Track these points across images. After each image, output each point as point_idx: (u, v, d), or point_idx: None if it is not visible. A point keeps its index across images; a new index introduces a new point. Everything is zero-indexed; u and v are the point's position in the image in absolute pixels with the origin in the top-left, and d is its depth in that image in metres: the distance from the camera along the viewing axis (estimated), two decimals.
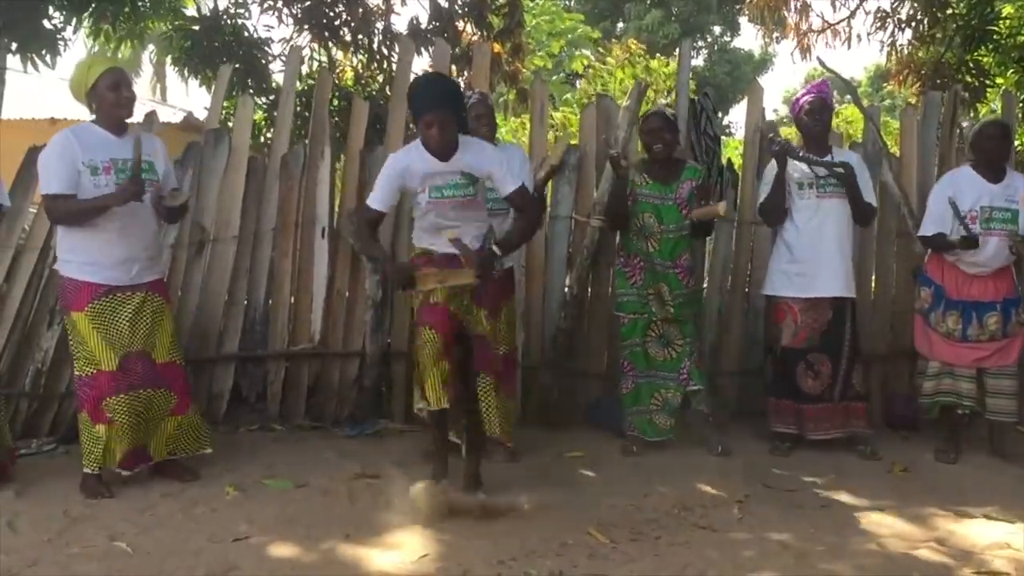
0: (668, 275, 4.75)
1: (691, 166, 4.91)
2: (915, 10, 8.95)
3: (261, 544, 3.42)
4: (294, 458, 4.50)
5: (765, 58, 28.23)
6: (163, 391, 4.03)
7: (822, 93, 4.87)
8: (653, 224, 4.74)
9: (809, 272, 4.71)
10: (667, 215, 4.73)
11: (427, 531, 3.54)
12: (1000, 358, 4.62)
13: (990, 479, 4.39)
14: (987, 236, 4.57)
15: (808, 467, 4.56)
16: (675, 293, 4.74)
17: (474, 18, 8.22)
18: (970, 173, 4.76)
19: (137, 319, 3.97)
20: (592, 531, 3.55)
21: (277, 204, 5.30)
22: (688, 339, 4.80)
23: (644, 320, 4.77)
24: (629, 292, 4.80)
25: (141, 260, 3.98)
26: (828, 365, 4.75)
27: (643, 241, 4.77)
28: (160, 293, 4.11)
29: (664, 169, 4.79)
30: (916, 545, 3.53)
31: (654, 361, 4.81)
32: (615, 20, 27.47)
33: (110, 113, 3.91)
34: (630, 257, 4.82)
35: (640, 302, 4.76)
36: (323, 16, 7.74)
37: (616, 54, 12.14)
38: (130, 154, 3.86)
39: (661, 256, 4.75)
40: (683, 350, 4.78)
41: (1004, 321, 4.61)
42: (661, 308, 4.73)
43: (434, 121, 3.73)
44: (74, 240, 3.91)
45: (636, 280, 4.78)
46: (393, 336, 5.31)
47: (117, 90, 3.88)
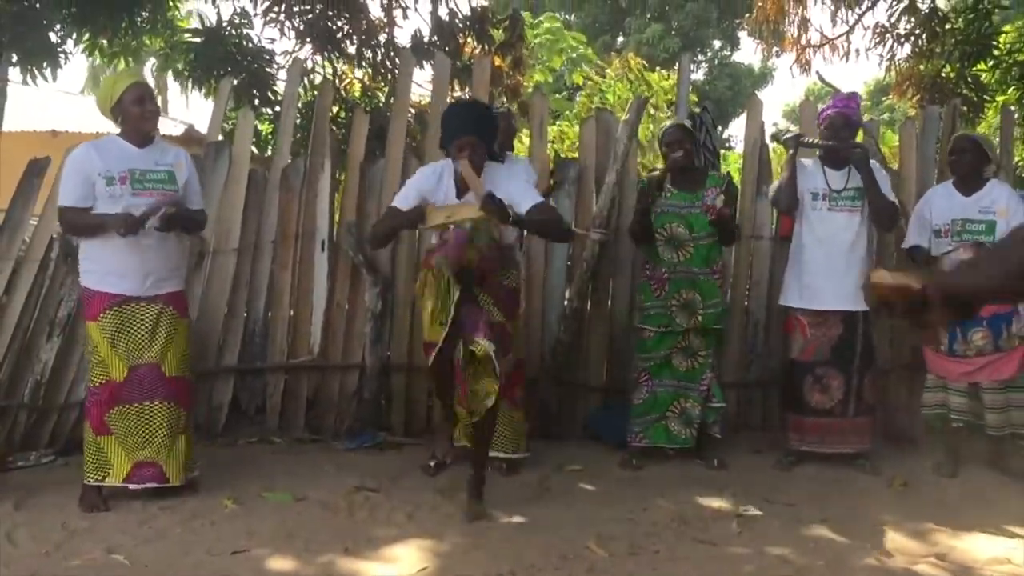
0: (704, 282, 4.73)
1: (714, 174, 4.94)
2: (914, 25, 8.99)
3: (260, 557, 3.42)
4: (293, 471, 4.50)
5: (765, 72, 28.28)
6: (172, 405, 4.02)
7: (847, 109, 4.79)
8: (684, 233, 4.72)
9: (818, 285, 4.71)
10: (696, 223, 4.72)
11: (425, 544, 3.53)
12: (992, 373, 4.60)
13: (989, 493, 4.38)
14: (962, 248, 4.58)
15: (808, 481, 4.56)
16: (711, 302, 4.73)
17: (475, 32, 8.24)
18: (947, 188, 4.82)
19: (152, 331, 3.98)
20: (591, 545, 3.54)
21: (277, 216, 5.32)
22: (711, 350, 4.81)
23: (671, 332, 4.76)
24: (656, 304, 4.77)
25: (157, 271, 3.99)
26: (839, 380, 4.73)
27: (673, 252, 4.74)
28: (177, 307, 4.10)
29: (687, 178, 4.80)
30: (916, 560, 3.52)
31: (676, 371, 4.79)
32: (615, 34, 27.53)
33: (135, 126, 3.97)
34: (656, 269, 4.81)
35: (666, 314, 4.74)
36: (326, 29, 7.76)
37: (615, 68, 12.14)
38: (150, 166, 3.93)
39: (695, 264, 4.73)
40: (705, 361, 4.78)
41: (994, 336, 4.59)
42: (688, 318, 4.72)
43: (465, 145, 3.86)
44: (92, 250, 3.96)
45: (661, 292, 4.76)
46: (392, 348, 5.31)
47: (142, 104, 3.93)
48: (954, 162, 4.76)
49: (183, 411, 4.08)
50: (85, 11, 7.05)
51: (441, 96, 5.63)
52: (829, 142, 4.77)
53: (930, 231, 4.73)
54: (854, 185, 4.71)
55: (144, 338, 3.97)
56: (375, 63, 8.02)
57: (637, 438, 4.78)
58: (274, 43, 8.17)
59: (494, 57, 7.79)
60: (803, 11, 10.12)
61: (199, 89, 7.65)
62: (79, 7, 7.02)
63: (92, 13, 7.07)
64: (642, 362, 4.81)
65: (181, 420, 4.05)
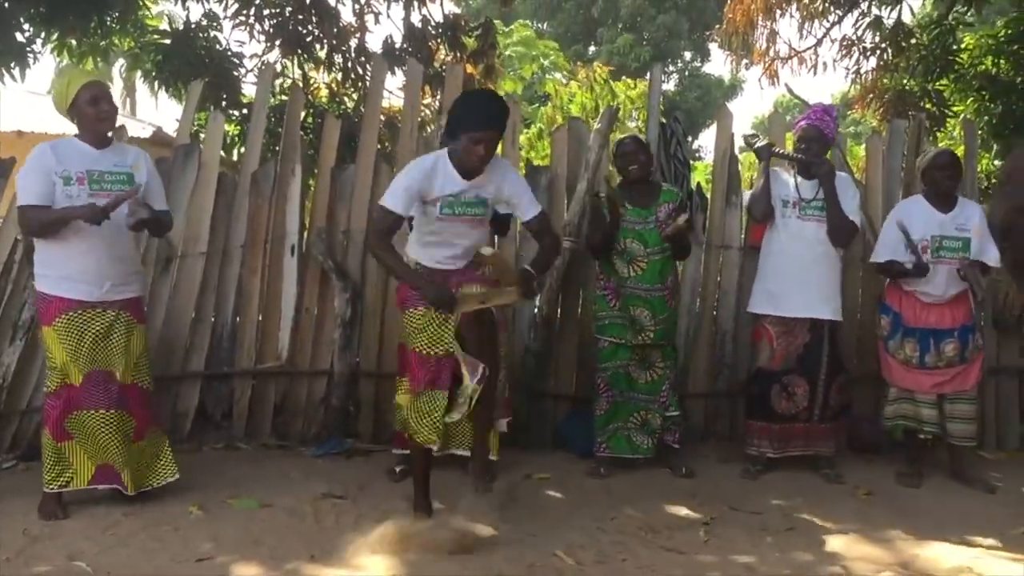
0: (653, 299, 4.73)
1: (668, 189, 4.94)
2: (880, 39, 9.12)
3: (225, 564, 3.38)
4: (259, 477, 4.46)
5: (734, 84, 28.57)
6: (126, 414, 3.95)
7: (820, 122, 4.81)
8: (638, 248, 4.73)
9: (786, 292, 4.75)
10: (650, 238, 4.72)
11: (392, 552, 3.51)
12: (958, 383, 4.67)
13: (952, 503, 4.44)
14: (937, 265, 4.64)
15: (774, 490, 4.59)
16: (659, 317, 4.73)
17: (448, 39, 8.26)
18: (921, 202, 4.82)
19: (105, 337, 3.90)
20: (559, 553, 3.55)
21: (247, 221, 5.28)
22: (668, 362, 4.82)
23: (624, 345, 4.77)
24: (611, 315, 4.78)
25: (114, 277, 3.90)
26: (804, 387, 4.78)
27: (626, 266, 4.74)
28: (133, 312, 4.01)
29: (641, 193, 4.81)
30: (880, 569, 3.55)
31: (635, 383, 4.80)
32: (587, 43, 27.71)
33: (90, 127, 3.87)
34: (608, 280, 4.82)
35: (621, 325, 4.75)
36: (295, 33, 7.74)
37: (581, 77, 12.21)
38: (109, 168, 3.85)
39: (647, 280, 4.72)
40: (663, 373, 4.80)
41: (962, 347, 4.67)
42: (636, 334, 4.73)
43: (483, 140, 3.69)
44: (48, 254, 3.86)
45: (616, 304, 4.76)
46: (362, 355, 5.29)
47: (96, 104, 3.84)
48: (938, 179, 4.74)
49: (133, 420, 3.98)
50: (54, 10, 6.97)
51: (413, 102, 5.63)
52: (798, 155, 4.82)
53: (906, 245, 4.70)
54: (824, 195, 4.76)
55: (100, 344, 3.89)
56: (345, 68, 8.01)
57: (602, 448, 4.79)
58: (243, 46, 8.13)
59: (466, 64, 7.81)
60: (772, 24, 10.25)
61: (167, 91, 7.59)
62: (47, 6, 6.94)
63: (61, 12, 6.99)
64: (601, 372, 4.83)
65: (132, 429, 3.97)
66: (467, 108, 3.83)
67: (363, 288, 5.28)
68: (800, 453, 4.84)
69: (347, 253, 5.31)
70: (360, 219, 5.30)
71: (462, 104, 3.91)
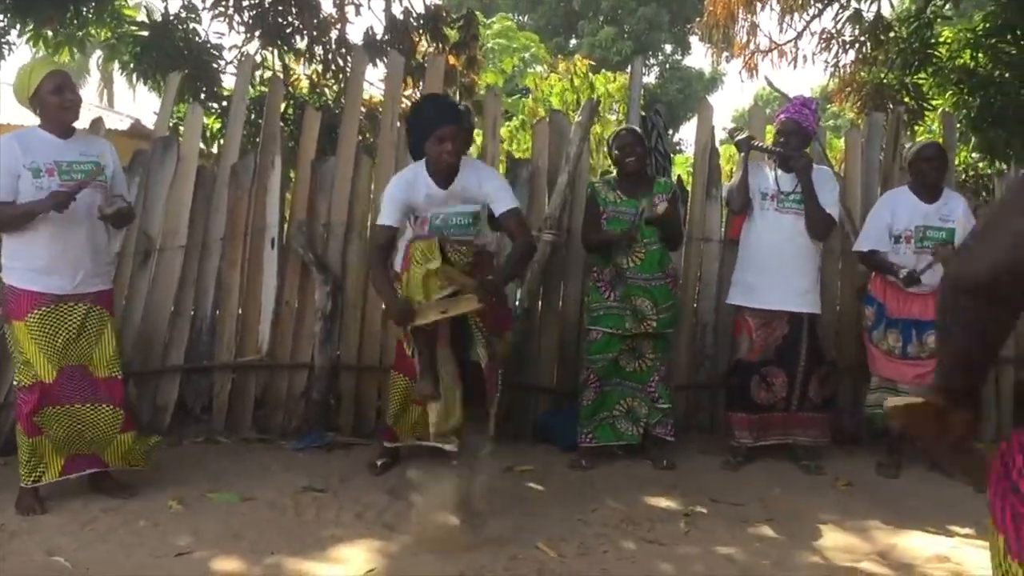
0: (655, 288, 4.74)
1: (661, 181, 4.96)
2: (859, 32, 9.16)
3: (205, 559, 3.37)
4: (240, 471, 4.44)
5: (715, 77, 28.66)
6: (107, 407, 3.91)
7: (799, 115, 4.84)
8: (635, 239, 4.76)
9: (764, 284, 4.77)
10: (645, 230, 4.73)
11: (374, 545, 3.51)
12: None
13: (930, 493, 4.48)
14: (921, 255, 4.68)
15: (754, 481, 4.62)
16: (662, 306, 4.74)
17: (429, 31, 8.22)
18: (906, 193, 4.87)
19: (79, 331, 3.86)
20: (541, 545, 3.56)
21: (226, 213, 5.25)
22: (659, 354, 4.83)
23: (619, 335, 4.77)
24: (606, 306, 4.78)
25: (86, 267, 3.85)
26: (783, 378, 4.81)
27: (624, 257, 4.75)
28: (105, 305, 3.97)
29: (635, 185, 4.82)
30: (859, 558, 3.59)
31: (623, 371, 4.82)
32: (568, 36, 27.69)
33: (54, 117, 3.80)
34: (602, 272, 4.81)
35: (618, 316, 4.75)
36: (275, 24, 7.69)
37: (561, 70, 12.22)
38: (76, 157, 3.80)
39: (647, 270, 4.74)
40: (653, 364, 4.81)
41: None
42: (638, 323, 4.73)
43: (447, 135, 3.73)
44: (17, 247, 3.79)
45: (612, 295, 4.76)
46: (342, 348, 5.27)
47: (61, 93, 3.77)
48: (925, 170, 4.78)
49: (120, 411, 3.94)
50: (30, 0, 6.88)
51: (394, 94, 5.61)
52: (777, 148, 4.84)
53: (889, 236, 4.78)
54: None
55: (72, 338, 3.84)
56: (326, 60, 7.96)
57: (586, 439, 4.80)
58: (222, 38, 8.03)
59: (448, 56, 7.78)
60: (752, 17, 10.28)
61: (145, 83, 7.52)
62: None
63: (37, 2, 6.90)
64: (590, 364, 4.83)
65: (119, 420, 3.93)
66: (421, 114, 3.95)
67: (343, 281, 5.26)
68: (778, 441, 4.88)
69: (327, 246, 5.29)
70: (340, 212, 5.29)
71: (414, 115, 4.04)
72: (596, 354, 4.80)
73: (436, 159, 3.78)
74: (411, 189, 3.88)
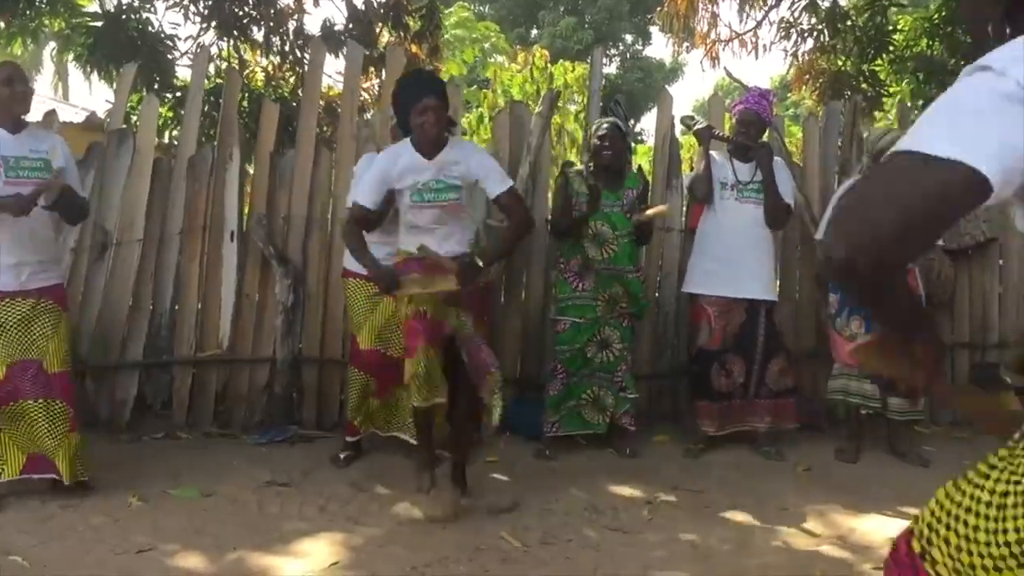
0: (629, 279, 4.79)
1: (633, 174, 4.98)
2: (817, 21, 9.24)
3: (166, 555, 3.33)
4: (201, 466, 4.40)
5: (675, 67, 28.78)
6: (58, 403, 3.82)
7: (757, 106, 4.89)
8: (608, 232, 4.77)
9: (724, 272, 4.81)
10: (619, 221, 4.77)
11: (338, 538, 3.50)
12: None
13: (888, 477, 4.56)
14: None
15: (716, 468, 4.66)
16: (635, 296, 4.80)
17: (391, 20, 8.17)
18: None
19: (27, 326, 3.78)
20: (505, 535, 3.57)
21: (184, 207, 5.19)
22: (626, 344, 4.86)
23: (588, 324, 4.79)
24: (574, 296, 4.79)
25: (32, 264, 3.77)
26: (741, 365, 4.86)
27: (598, 249, 4.77)
28: (55, 299, 3.88)
29: (610, 177, 4.84)
30: (819, 542, 3.64)
31: (591, 363, 4.83)
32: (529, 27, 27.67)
33: (4, 109, 3.72)
34: (570, 264, 4.83)
35: (589, 305, 4.76)
36: (231, 14, 7.60)
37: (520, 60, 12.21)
38: (25, 153, 3.72)
39: (620, 262, 4.77)
40: (620, 355, 4.84)
41: None
42: (610, 309, 4.76)
43: (427, 107, 3.74)
44: None
45: (580, 286, 4.78)
46: (304, 341, 5.24)
47: (10, 85, 3.69)
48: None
49: (68, 408, 3.85)
50: None
51: (353, 86, 5.57)
52: (737, 138, 4.88)
53: None
54: (761, 178, 4.83)
55: (22, 334, 3.76)
56: (283, 51, 7.89)
57: (553, 428, 4.82)
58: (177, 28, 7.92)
59: (410, 45, 7.75)
60: (712, 7, 10.33)
61: (99, 75, 7.41)
62: None
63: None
64: (558, 354, 4.85)
65: (68, 417, 3.83)
66: (401, 89, 3.94)
67: (305, 274, 5.23)
68: (737, 429, 4.93)
69: (288, 239, 5.25)
70: (300, 205, 5.25)
71: (398, 91, 3.99)
72: (563, 344, 4.81)
73: (418, 130, 3.80)
74: (392, 161, 3.87)
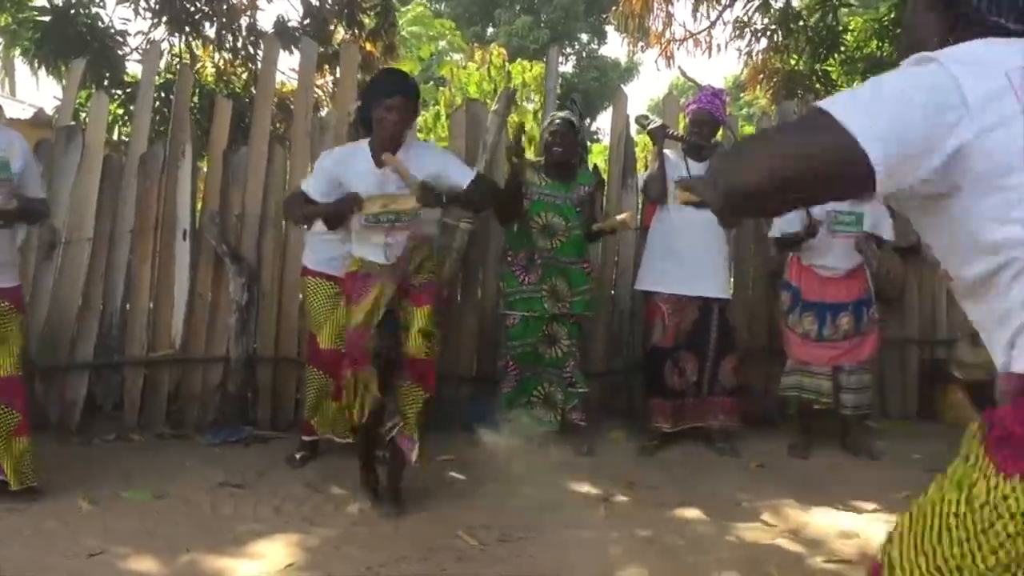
0: (572, 271, 4.82)
1: (585, 172, 5.00)
2: (770, 20, 9.34)
3: (118, 558, 3.28)
4: (154, 468, 4.34)
5: (631, 66, 28.91)
6: (4, 407, 3.72)
7: (711, 105, 4.93)
8: (559, 223, 4.79)
9: (677, 271, 4.85)
10: (570, 213, 4.80)
11: (293, 539, 3.47)
12: (853, 356, 4.86)
13: (840, 471, 4.63)
14: (832, 239, 4.80)
15: (671, 465, 4.70)
16: (579, 289, 4.82)
17: (346, 17, 8.12)
18: None
19: None
20: (461, 534, 3.56)
21: (135, 205, 5.11)
22: (574, 339, 4.87)
23: (536, 318, 4.79)
24: (521, 290, 4.80)
25: None
26: (694, 363, 4.91)
27: (547, 240, 4.79)
28: (12, 301, 3.78)
29: (562, 170, 4.85)
30: (773, 536, 3.69)
31: (541, 359, 4.85)
32: (485, 25, 27.65)
33: None
34: (518, 256, 4.83)
35: (536, 298, 4.78)
36: (183, 10, 7.50)
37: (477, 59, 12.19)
38: None
39: (566, 253, 4.80)
40: (569, 350, 4.85)
41: (856, 321, 4.85)
42: (555, 304, 4.77)
43: (393, 105, 3.71)
44: None
45: (527, 279, 4.79)
46: (259, 340, 5.19)
47: None
48: None
49: (18, 414, 3.75)
50: None
51: (306, 83, 5.52)
52: (691, 137, 4.93)
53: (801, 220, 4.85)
54: None
55: None
56: (235, 47, 7.80)
57: (507, 425, 4.82)
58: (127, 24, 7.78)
59: (365, 43, 7.70)
60: (667, 6, 10.38)
61: (47, 70, 7.26)
62: None
63: None
64: (509, 350, 4.86)
65: (15, 421, 3.73)
66: (373, 84, 3.91)
67: (259, 272, 5.18)
68: (691, 426, 4.98)
69: (241, 237, 5.19)
70: (254, 202, 5.20)
71: (372, 80, 3.98)
72: (515, 340, 4.82)
73: (378, 124, 3.77)
74: (346, 163, 3.83)
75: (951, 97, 1.18)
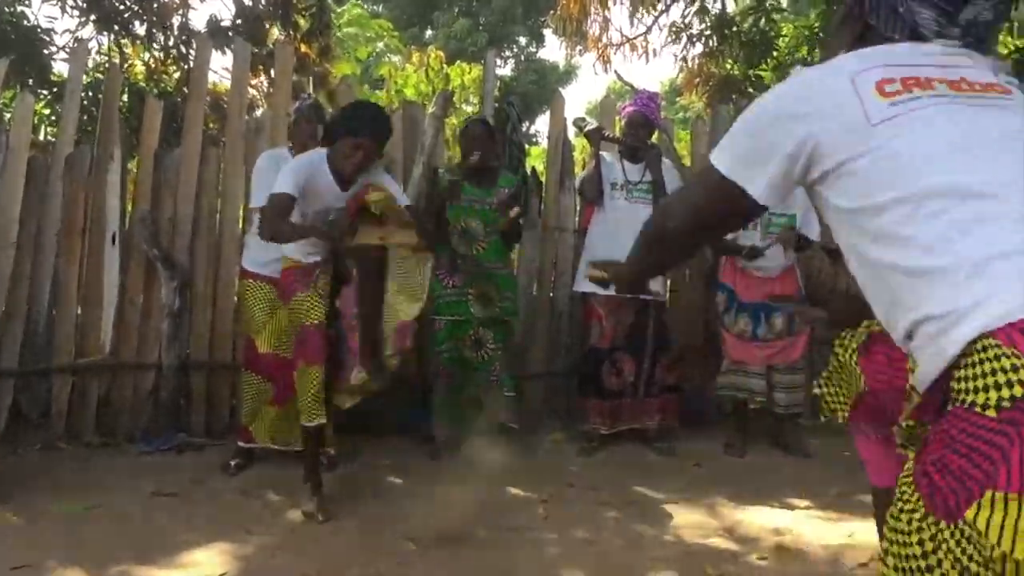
0: (499, 275, 4.82)
1: (506, 174, 5.00)
2: (705, 26, 9.47)
3: (44, 572, 3.19)
4: (83, 478, 4.23)
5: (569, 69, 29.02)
6: None
7: (646, 108, 4.99)
8: (479, 228, 4.78)
9: None
10: (490, 218, 4.79)
11: (227, 547, 3.41)
12: (785, 355, 4.94)
13: (773, 469, 4.71)
14: (768, 240, 4.88)
15: (610, 465, 4.74)
16: (505, 293, 4.82)
17: (280, 18, 8.02)
18: None
19: None
20: (399, 538, 3.54)
21: (62, 207, 4.97)
22: (500, 343, 4.87)
23: (463, 322, 4.78)
24: (446, 295, 4.78)
25: None
26: (631, 364, 4.95)
27: (468, 245, 4.78)
28: None
29: (482, 174, 4.84)
30: (708, 534, 3.73)
31: (468, 364, 4.84)
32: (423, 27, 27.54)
33: None
34: (440, 261, 4.81)
35: (460, 303, 4.77)
36: (112, 8, 7.34)
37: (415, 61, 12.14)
38: None
39: (489, 258, 4.80)
40: (495, 354, 4.85)
41: (789, 321, 4.94)
42: (484, 308, 4.77)
43: (363, 146, 3.70)
44: None
45: (451, 282, 4.78)
46: (192, 346, 5.09)
47: None
48: None
49: None
50: None
51: (240, 84, 5.44)
52: (626, 139, 4.98)
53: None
54: (650, 179, 4.93)
55: None
56: (166, 47, 7.66)
57: (440, 429, 4.80)
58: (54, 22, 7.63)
59: (300, 44, 7.62)
60: (604, 11, 10.46)
61: None
62: None
63: None
64: (438, 355, 4.84)
65: None
66: (356, 113, 3.88)
67: (192, 276, 5.08)
68: (628, 427, 5.02)
69: (174, 240, 5.09)
70: (187, 204, 5.10)
71: (352, 108, 3.97)
72: (442, 345, 4.81)
73: (341, 161, 3.74)
74: (313, 174, 3.76)
75: (800, 105, 1.34)
